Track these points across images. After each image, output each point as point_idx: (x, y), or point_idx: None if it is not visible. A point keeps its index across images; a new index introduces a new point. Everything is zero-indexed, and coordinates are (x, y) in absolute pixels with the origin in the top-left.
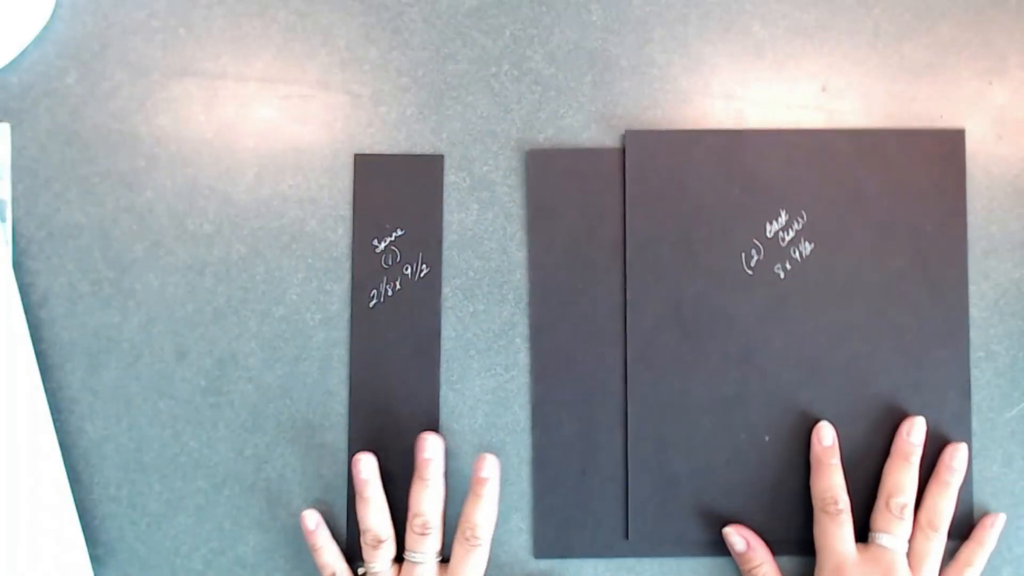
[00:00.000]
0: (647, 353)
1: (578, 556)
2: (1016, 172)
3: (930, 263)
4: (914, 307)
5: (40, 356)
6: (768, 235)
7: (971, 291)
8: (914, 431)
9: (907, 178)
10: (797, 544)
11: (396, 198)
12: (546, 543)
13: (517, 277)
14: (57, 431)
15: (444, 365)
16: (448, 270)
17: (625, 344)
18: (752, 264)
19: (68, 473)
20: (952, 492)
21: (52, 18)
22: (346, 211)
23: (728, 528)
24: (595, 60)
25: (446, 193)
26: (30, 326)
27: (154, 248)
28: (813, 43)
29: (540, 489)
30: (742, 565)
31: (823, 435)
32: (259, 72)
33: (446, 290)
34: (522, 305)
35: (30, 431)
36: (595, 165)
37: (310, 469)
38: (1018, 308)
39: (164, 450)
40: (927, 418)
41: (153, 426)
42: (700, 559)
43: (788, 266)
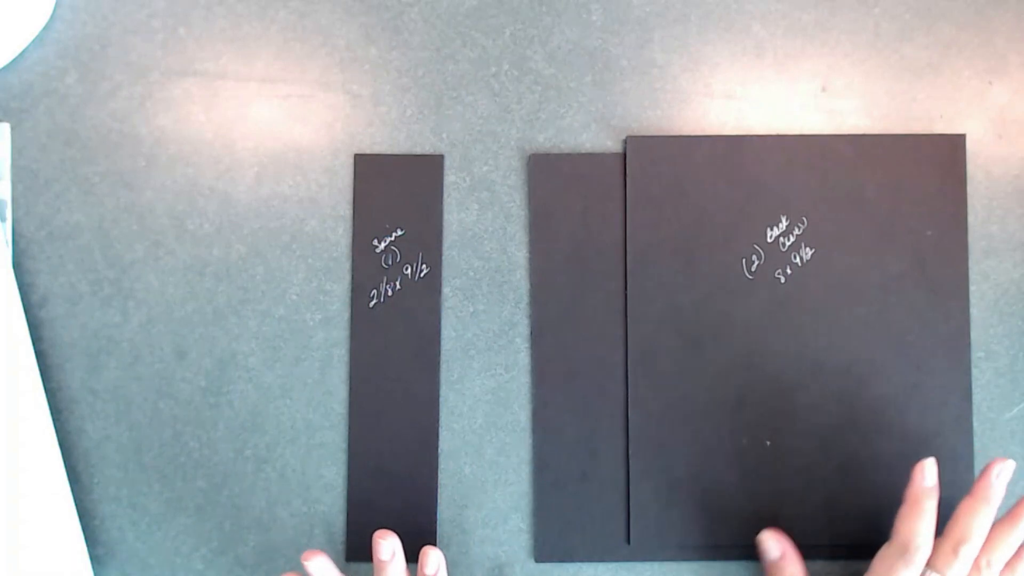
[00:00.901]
0: (648, 357)
1: (579, 560)
2: (1016, 172)
3: (930, 268)
4: (914, 311)
5: (40, 356)
6: (768, 240)
7: (971, 291)
8: (1003, 474)
9: (907, 183)
10: (799, 548)
11: (396, 198)
12: (547, 547)
13: (517, 277)
14: (57, 431)
15: (444, 365)
16: (448, 270)
17: (626, 348)
18: (752, 269)
19: (68, 473)
20: (1021, 535)
21: (52, 18)
22: (346, 211)
23: (765, 533)
24: (595, 60)
25: (446, 193)
26: (30, 326)
27: (154, 248)
28: (813, 43)
29: (540, 492)
30: (770, 573)
31: (927, 474)
32: (259, 72)
33: (446, 290)
34: (522, 305)
35: (30, 431)
36: (596, 170)
37: (310, 469)
38: (1018, 308)
39: (164, 450)
40: (929, 420)
41: (153, 426)
42: (703, 563)
43: (788, 271)
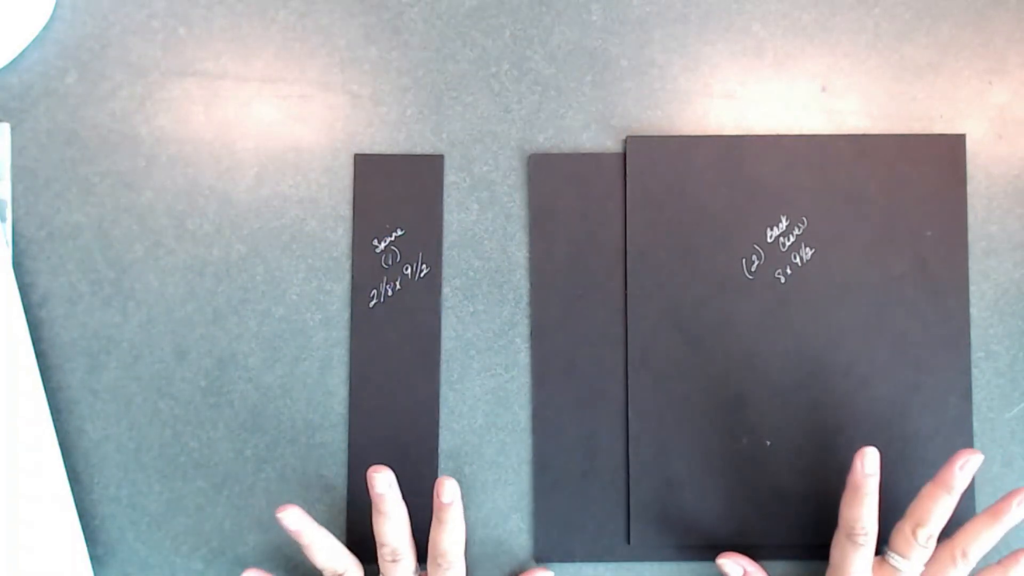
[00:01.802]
0: (648, 357)
1: (579, 560)
2: (1016, 172)
3: (930, 268)
4: (914, 311)
5: (40, 356)
6: (768, 240)
7: (971, 291)
8: (968, 465)
9: (907, 183)
10: (798, 549)
11: (396, 198)
12: (547, 547)
13: (517, 277)
14: (57, 431)
15: (444, 365)
16: (448, 270)
17: (626, 348)
18: (752, 269)
19: (68, 473)
20: (1001, 532)
21: (52, 18)
22: (346, 211)
23: (723, 559)
24: (595, 60)
25: (446, 193)
26: (30, 326)
27: (154, 248)
28: (813, 43)
29: (540, 492)
30: None
31: (867, 462)
32: (259, 72)
33: (446, 290)
34: (522, 305)
35: (30, 431)
36: (596, 170)
37: (310, 469)
38: (1018, 308)
39: (164, 450)
40: (929, 420)
41: (153, 426)
42: (703, 563)
43: (788, 271)
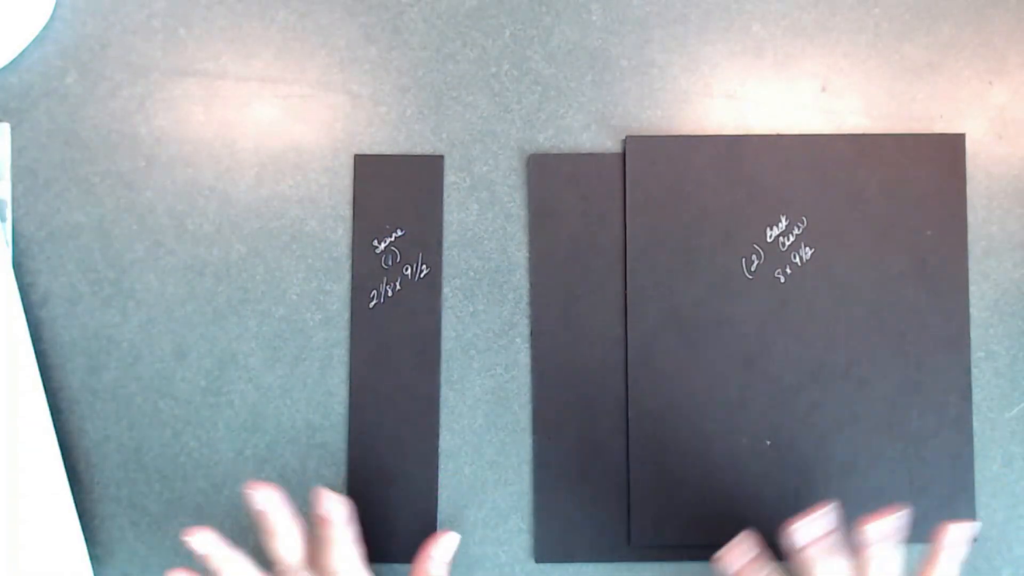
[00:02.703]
0: (648, 357)
1: (579, 560)
2: (1016, 172)
3: (930, 267)
4: (914, 310)
5: (40, 356)
6: (768, 240)
7: (971, 291)
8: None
9: (907, 183)
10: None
11: (396, 198)
12: (547, 547)
13: (517, 277)
14: (57, 431)
15: (444, 365)
16: (448, 270)
17: (626, 348)
18: (752, 269)
19: (68, 473)
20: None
21: (52, 18)
22: (346, 211)
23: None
24: (595, 60)
25: (446, 193)
26: (30, 326)
27: (154, 248)
28: (813, 43)
29: (541, 492)
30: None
31: (799, 535)
32: (259, 72)
33: (446, 290)
34: (522, 305)
35: (30, 431)
36: (596, 170)
37: (310, 469)
38: (1018, 308)
39: (164, 450)
40: (929, 420)
41: (153, 426)
42: (704, 564)
43: (788, 271)
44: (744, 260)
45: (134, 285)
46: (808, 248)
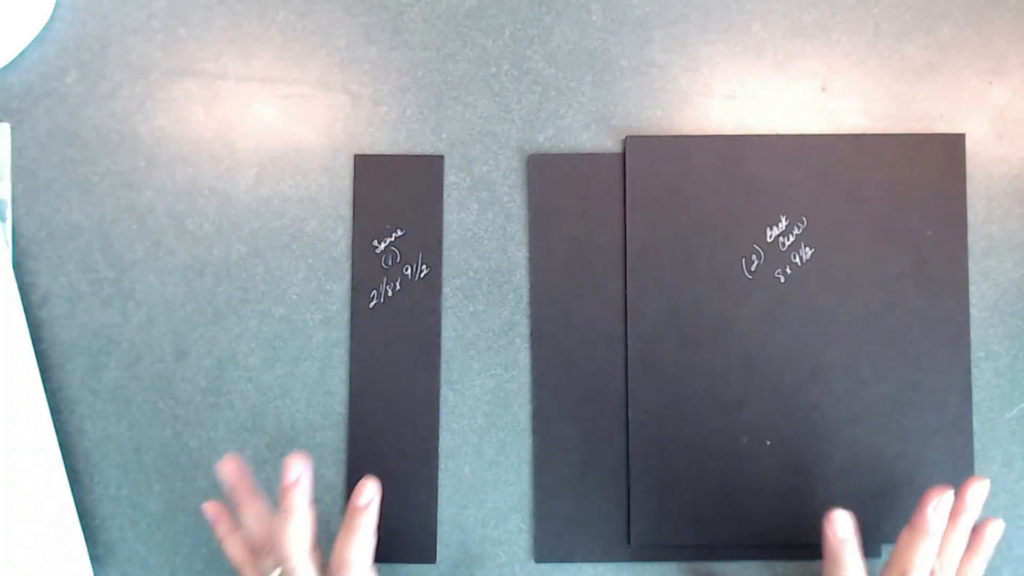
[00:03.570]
0: (648, 357)
1: (579, 560)
2: (1016, 172)
3: (930, 267)
4: (914, 310)
5: (40, 356)
6: (768, 240)
7: (971, 291)
8: (941, 506)
9: (907, 183)
10: (798, 548)
11: (396, 198)
12: (547, 547)
13: (517, 277)
14: (57, 431)
15: (444, 365)
16: (448, 270)
17: (626, 348)
18: (752, 269)
19: (68, 473)
20: (933, 542)
21: (52, 18)
22: (346, 211)
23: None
24: (595, 60)
25: (446, 193)
26: (30, 326)
27: (154, 248)
28: (813, 43)
29: (541, 492)
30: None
31: (838, 526)
32: (259, 72)
33: (446, 290)
34: (522, 305)
35: (30, 431)
36: (596, 170)
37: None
38: (1018, 308)
39: (164, 450)
40: (929, 420)
41: (153, 426)
42: (703, 563)
43: (788, 271)
44: (744, 260)
45: (134, 285)
46: (808, 248)
